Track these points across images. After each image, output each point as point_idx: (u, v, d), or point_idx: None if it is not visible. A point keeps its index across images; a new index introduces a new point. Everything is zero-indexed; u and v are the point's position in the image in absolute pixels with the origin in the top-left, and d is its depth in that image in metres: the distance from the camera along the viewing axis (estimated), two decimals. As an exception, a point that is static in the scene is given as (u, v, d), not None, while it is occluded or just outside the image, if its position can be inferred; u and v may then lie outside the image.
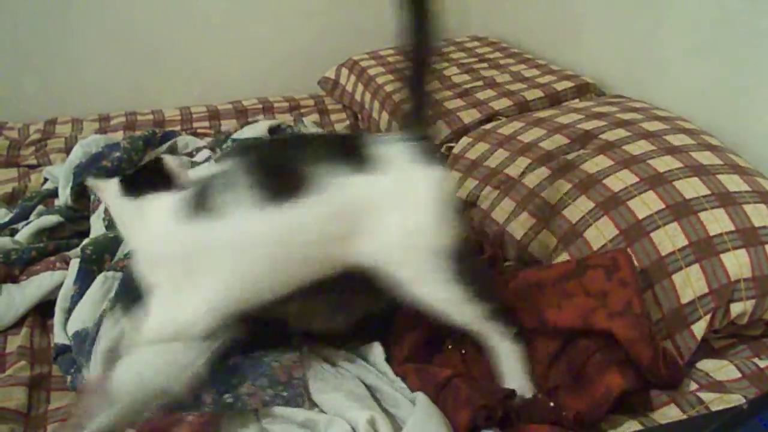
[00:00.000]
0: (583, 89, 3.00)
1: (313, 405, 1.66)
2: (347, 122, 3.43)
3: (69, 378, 1.87)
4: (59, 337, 2.01)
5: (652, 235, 1.94)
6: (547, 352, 1.72)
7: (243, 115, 3.45)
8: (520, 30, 3.67)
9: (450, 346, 1.85)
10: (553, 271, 1.88)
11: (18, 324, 2.11)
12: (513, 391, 1.64)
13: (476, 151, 2.60)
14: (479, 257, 2.18)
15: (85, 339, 1.89)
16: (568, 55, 3.28)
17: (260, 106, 3.52)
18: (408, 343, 1.80)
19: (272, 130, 2.85)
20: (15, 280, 2.22)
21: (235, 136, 2.81)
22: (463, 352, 1.84)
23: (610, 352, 1.65)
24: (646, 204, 2.00)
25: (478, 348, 1.77)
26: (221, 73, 3.83)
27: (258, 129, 2.82)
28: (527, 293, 1.84)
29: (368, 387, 1.72)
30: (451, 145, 2.76)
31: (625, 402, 1.62)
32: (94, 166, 2.63)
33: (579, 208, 2.11)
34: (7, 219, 2.54)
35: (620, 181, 2.09)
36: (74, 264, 2.15)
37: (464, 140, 2.72)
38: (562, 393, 1.62)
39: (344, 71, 3.61)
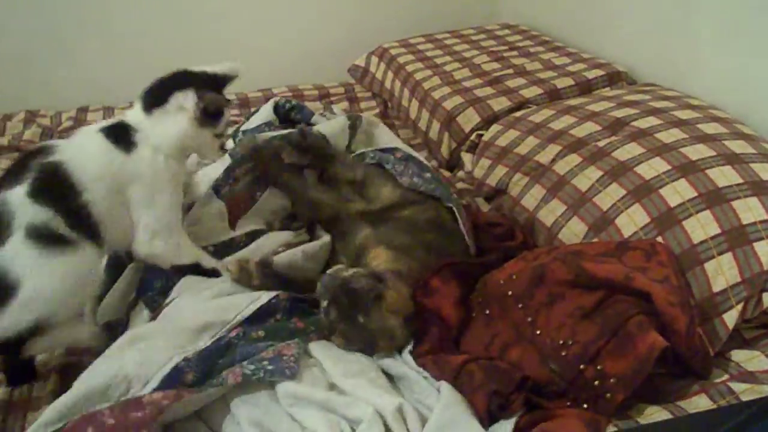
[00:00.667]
0: (615, 77, 2.97)
1: (333, 387, 1.66)
2: (377, 110, 3.42)
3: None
4: (91, 325, 2.02)
5: (684, 223, 1.92)
6: (578, 305, 1.70)
7: (273, 103, 3.44)
8: (551, 18, 3.65)
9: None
10: (594, 247, 1.89)
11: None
12: (528, 378, 1.63)
13: (506, 139, 2.59)
14: (509, 244, 2.18)
15: (116, 329, 1.90)
16: (599, 43, 3.26)
17: (290, 93, 3.51)
18: (429, 339, 1.79)
19: (276, 110, 2.82)
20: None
21: (243, 127, 2.79)
22: (487, 312, 1.85)
23: (649, 317, 1.64)
24: (678, 192, 1.98)
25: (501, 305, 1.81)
26: (252, 61, 3.78)
27: (264, 114, 2.79)
28: (566, 255, 1.84)
29: (392, 376, 1.73)
30: (481, 132, 2.75)
31: (654, 389, 1.62)
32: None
33: (610, 195, 2.10)
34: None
35: (652, 168, 2.08)
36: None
37: (494, 127, 2.71)
38: (603, 357, 1.59)
39: (374, 59, 3.60)
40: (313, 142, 2.30)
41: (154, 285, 2.01)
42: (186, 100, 1.92)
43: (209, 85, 2.01)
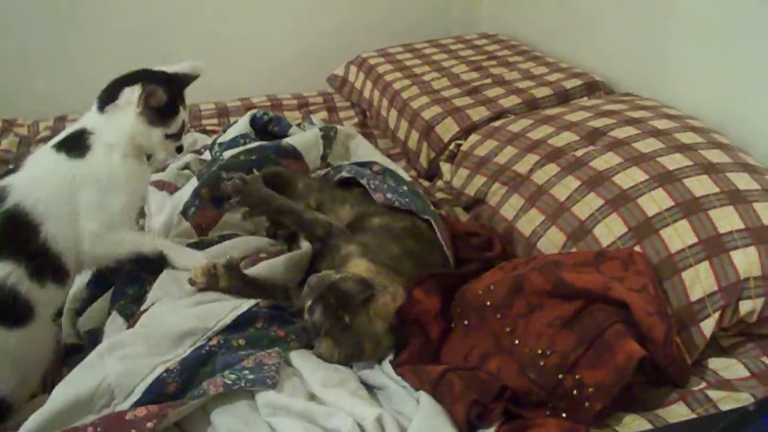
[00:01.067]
0: (593, 87, 2.99)
1: (313, 398, 1.66)
2: (356, 119, 3.42)
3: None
4: (69, 336, 2.01)
5: (661, 232, 1.94)
6: (557, 314, 1.71)
7: (252, 113, 3.44)
8: (529, 28, 3.66)
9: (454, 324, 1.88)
10: (572, 257, 1.90)
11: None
12: (507, 387, 1.63)
13: (485, 148, 2.60)
14: (488, 254, 2.18)
15: (98, 337, 1.89)
16: (577, 53, 3.28)
17: (269, 103, 3.51)
18: (409, 349, 1.79)
19: (254, 122, 2.83)
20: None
21: (220, 140, 2.78)
22: (466, 323, 1.86)
23: (627, 326, 1.64)
24: (656, 201, 2.00)
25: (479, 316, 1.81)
26: (230, 71, 3.82)
27: (240, 126, 2.78)
28: (544, 265, 1.84)
29: (371, 386, 1.73)
30: (460, 142, 2.76)
31: (633, 398, 1.62)
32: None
33: (588, 205, 2.11)
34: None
35: (629, 178, 2.09)
36: None
37: (473, 137, 2.72)
38: (581, 367, 1.60)
39: (353, 69, 3.60)
40: (252, 191, 2.20)
41: (126, 292, 2.00)
42: (132, 94, 1.90)
43: (165, 83, 1.98)
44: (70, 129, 1.98)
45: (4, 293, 1.73)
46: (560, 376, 1.60)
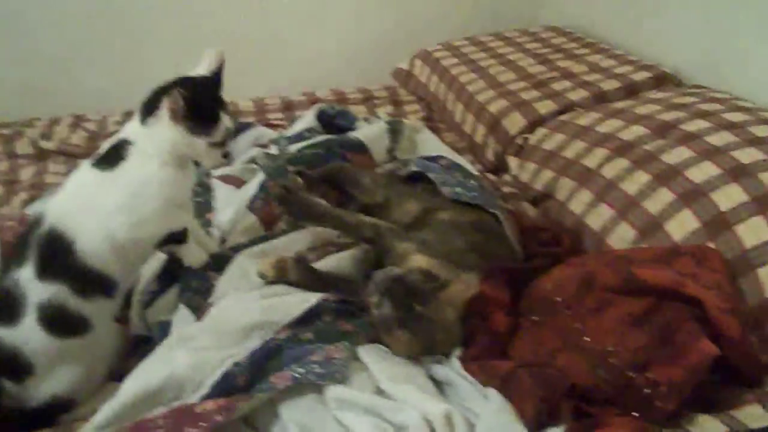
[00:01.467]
0: (662, 80, 2.93)
1: (381, 393, 1.65)
2: (421, 113, 3.40)
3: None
4: (137, 328, 2.03)
5: (735, 228, 1.89)
6: (627, 311, 1.68)
7: (317, 107, 3.45)
8: (595, 20, 3.61)
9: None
10: (643, 252, 1.87)
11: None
12: (576, 385, 1.61)
13: (553, 142, 2.58)
14: (556, 250, 2.15)
15: (167, 328, 1.91)
16: (645, 45, 3.21)
17: (334, 97, 3.52)
18: (477, 345, 1.78)
19: (321, 116, 2.86)
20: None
21: (288, 134, 2.82)
22: (534, 318, 1.83)
23: (701, 324, 1.61)
24: (729, 196, 1.95)
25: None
26: (295, 65, 3.85)
27: (307, 120, 2.82)
28: (615, 260, 1.82)
29: (439, 381, 1.72)
30: (527, 135, 2.74)
31: (706, 398, 1.59)
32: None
33: (659, 199, 2.07)
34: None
35: (702, 172, 2.05)
36: (157, 260, 2.17)
37: (540, 131, 2.70)
38: (653, 365, 1.57)
39: (418, 62, 3.59)
40: (293, 201, 2.18)
41: (191, 285, 2.02)
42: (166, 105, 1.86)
43: (200, 88, 1.94)
44: (111, 141, 1.96)
45: (54, 311, 1.76)
46: (631, 374, 1.57)
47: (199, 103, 1.87)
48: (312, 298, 1.87)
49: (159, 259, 2.14)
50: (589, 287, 1.77)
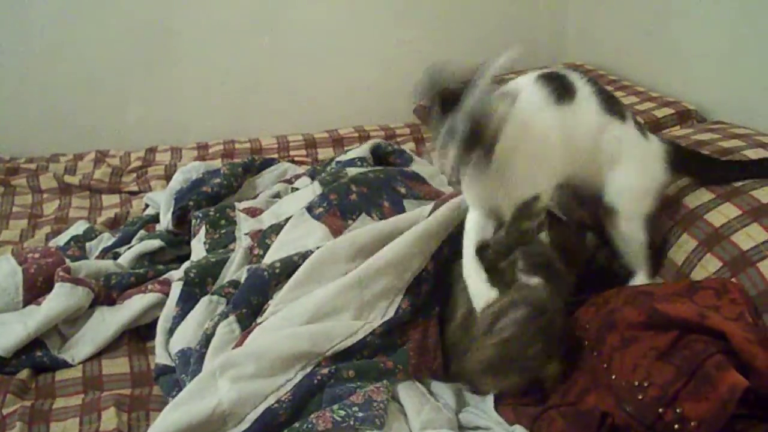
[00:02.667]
0: (684, 116, 2.93)
1: None
2: (442, 151, 3.40)
3: (171, 399, 1.86)
4: (161, 357, 2.03)
5: (758, 264, 1.87)
6: (652, 345, 1.64)
7: (339, 144, 3.47)
8: (617, 57, 3.62)
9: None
10: (664, 288, 1.85)
11: (113, 347, 2.16)
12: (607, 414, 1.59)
13: (576, 179, 2.57)
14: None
15: (189, 358, 1.91)
16: (667, 81, 3.22)
17: (356, 134, 3.54)
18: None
19: (374, 150, 2.89)
20: (112, 303, 2.29)
21: (339, 158, 2.85)
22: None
23: (727, 356, 1.58)
24: (751, 236, 1.93)
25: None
26: (318, 102, 3.87)
27: (360, 151, 2.87)
28: (636, 296, 1.80)
29: (474, 428, 1.72)
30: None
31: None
32: (194, 191, 2.68)
33: (682, 246, 2.07)
34: (110, 243, 2.61)
35: (722, 215, 2.03)
36: (176, 286, 2.19)
37: (561, 167, 2.68)
38: (682, 400, 1.55)
39: (440, 100, 3.59)
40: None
41: (250, 301, 2.01)
42: None
43: None
44: None
45: None
46: (660, 410, 1.55)
47: None
48: (360, 332, 1.87)
49: (178, 285, 2.15)
50: (612, 327, 1.75)
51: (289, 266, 2.07)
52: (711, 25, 2.91)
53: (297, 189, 2.71)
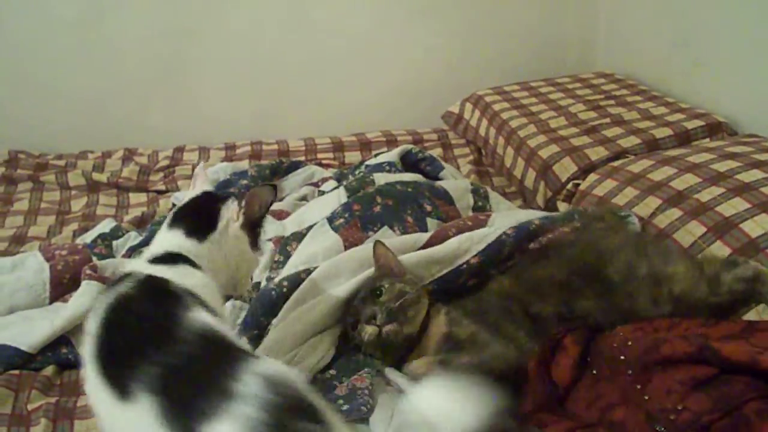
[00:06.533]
0: (715, 128, 2.91)
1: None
2: (470, 157, 3.40)
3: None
4: None
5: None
6: (691, 375, 1.61)
7: (366, 148, 3.47)
8: (647, 66, 3.60)
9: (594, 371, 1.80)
10: (719, 329, 1.76)
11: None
12: None
13: (604, 188, 2.56)
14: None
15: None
16: (697, 93, 3.20)
17: (384, 138, 3.54)
18: (535, 397, 1.74)
19: (404, 156, 2.89)
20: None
21: (368, 162, 2.87)
22: (594, 372, 1.79)
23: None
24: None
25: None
26: (346, 106, 3.87)
27: (390, 156, 2.87)
28: (689, 329, 1.77)
29: None
30: (578, 181, 2.72)
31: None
32: (221, 192, 2.68)
33: (715, 253, 2.04)
34: (137, 242, 2.61)
35: (758, 226, 2.02)
36: None
37: (591, 177, 2.68)
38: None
39: (468, 106, 3.60)
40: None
41: (261, 322, 1.99)
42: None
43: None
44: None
45: None
46: None
47: (264, 211, 1.74)
48: (332, 350, 1.90)
49: None
50: (654, 351, 1.72)
51: (296, 284, 2.04)
52: (743, 37, 2.89)
53: (323, 192, 2.71)
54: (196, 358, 1.27)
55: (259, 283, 2.18)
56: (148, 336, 1.33)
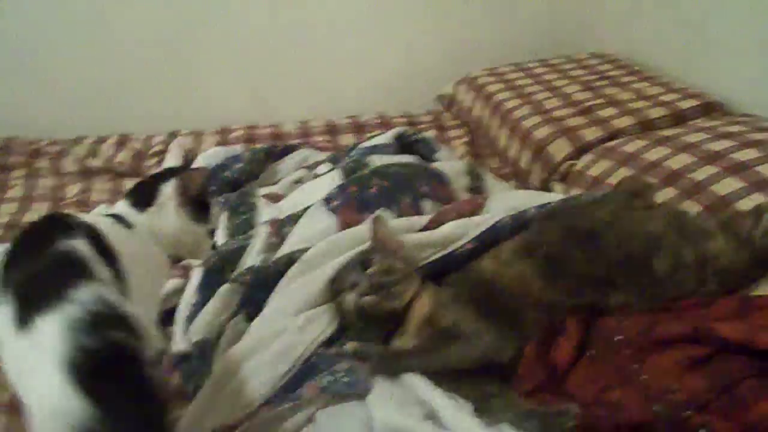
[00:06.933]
0: (709, 108, 2.89)
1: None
2: (464, 139, 3.39)
3: (189, 387, 1.85)
4: (180, 343, 2.03)
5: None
6: (687, 355, 1.61)
7: (361, 130, 3.47)
8: (642, 47, 3.59)
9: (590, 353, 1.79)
10: (717, 309, 1.75)
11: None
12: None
13: (598, 168, 2.56)
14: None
15: (206, 348, 1.91)
16: (691, 72, 3.19)
17: (378, 121, 3.54)
18: (532, 378, 1.74)
19: (399, 138, 2.89)
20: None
21: (362, 144, 2.87)
22: (592, 352, 1.78)
23: (764, 382, 1.54)
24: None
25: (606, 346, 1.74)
26: (340, 88, 3.87)
27: (384, 137, 2.86)
28: (686, 310, 1.76)
29: None
30: (573, 162, 2.72)
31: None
32: (215, 176, 2.68)
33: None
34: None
35: (753, 204, 2.00)
36: (197, 272, 2.17)
37: (586, 157, 2.68)
38: (711, 412, 1.52)
39: (462, 87, 3.60)
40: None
41: (257, 299, 2.00)
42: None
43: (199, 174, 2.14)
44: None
45: None
46: (688, 412, 1.53)
47: (200, 190, 2.01)
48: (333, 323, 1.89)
49: (198, 271, 2.15)
50: (650, 332, 1.72)
51: (293, 262, 2.06)
52: (738, 18, 2.89)
53: (318, 175, 2.71)
54: (48, 267, 1.64)
55: (254, 265, 2.18)
56: (30, 253, 1.71)
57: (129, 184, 3.08)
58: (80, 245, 1.73)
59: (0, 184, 3.13)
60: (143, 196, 1.99)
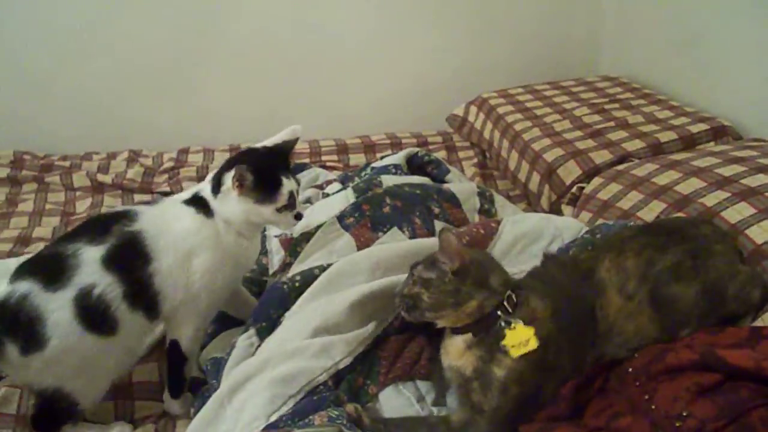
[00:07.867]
0: (720, 132, 2.90)
1: None
2: (474, 159, 3.41)
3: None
4: (193, 370, 2.04)
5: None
6: (695, 381, 1.60)
7: (371, 150, 3.48)
8: (651, 70, 3.60)
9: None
10: (725, 336, 1.74)
11: (145, 356, 2.15)
12: None
13: (608, 192, 2.56)
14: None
15: (220, 366, 1.91)
16: (702, 97, 3.20)
17: (388, 141, 3.55)
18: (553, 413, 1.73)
19: (410, 159, 2.88)
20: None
21: (373, 164, 2.85)
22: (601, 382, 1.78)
23: None
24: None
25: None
26: (350, 108, 3.87)
27: (395, 158, 2.85)
28: (695, 338, 1.75)
29: None
30: (582, 185, 2.72)
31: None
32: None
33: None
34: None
35: (765, 232, 2.00)
36: None
37: (596, 180, 2.67)
38: None
39: (473, 109, 3.60)
40: None
41: (270, 315, 1.99)
42: (229, 181, 1.94)
43: (263, 160, 2.00)
44: (196, 189, 2.06)
45: (95, 301, 1.79)
46: None
47: (261, 174, 1.93)
48: (359, 348, 1.87)
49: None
50: (660, 361, 1.71)
51: (310, 279, 2.05)
52: (748, 42, 2.89)
53: (328, 195, 2.70)
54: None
55: (266, 281, 2.18)
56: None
57: (139, 199, 3.11)
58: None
59: (11, 198, 3.14)
60: (216, 182, 1.97)
